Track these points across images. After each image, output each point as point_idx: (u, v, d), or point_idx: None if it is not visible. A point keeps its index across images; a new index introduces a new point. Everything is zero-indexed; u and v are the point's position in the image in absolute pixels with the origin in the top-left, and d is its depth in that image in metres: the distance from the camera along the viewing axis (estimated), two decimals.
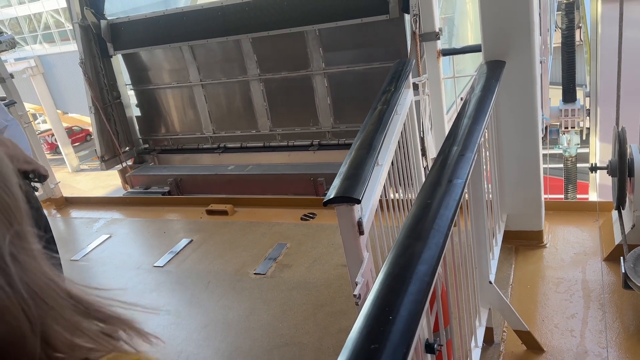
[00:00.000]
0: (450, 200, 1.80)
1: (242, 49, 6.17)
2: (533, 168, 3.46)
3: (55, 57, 24.79)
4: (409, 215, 1.75)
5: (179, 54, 6.55)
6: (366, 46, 5.57)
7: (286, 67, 6.12)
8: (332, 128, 6.13)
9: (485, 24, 3.08)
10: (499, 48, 3.06)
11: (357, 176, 2.08)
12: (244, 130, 6.69)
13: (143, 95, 7.12)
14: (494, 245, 3.17)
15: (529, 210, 3.58)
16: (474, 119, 2.38)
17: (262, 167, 6.33)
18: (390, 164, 2.68)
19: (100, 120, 6.72)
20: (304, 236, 4.50)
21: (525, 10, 3.00)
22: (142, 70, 6.94)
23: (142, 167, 7.16)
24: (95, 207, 6.09)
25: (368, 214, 2.18)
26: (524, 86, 3.17)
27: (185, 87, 6.77)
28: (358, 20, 5.28)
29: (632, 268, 2.77)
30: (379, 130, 2.51)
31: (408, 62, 3.36)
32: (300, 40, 5.81)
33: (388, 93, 2.94)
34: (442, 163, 2.05)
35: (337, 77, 5.91)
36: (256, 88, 6.36)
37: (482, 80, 2.84)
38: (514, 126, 3.29)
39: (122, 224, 5.56)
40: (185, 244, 4.76)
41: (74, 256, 4.94)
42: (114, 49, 6.70)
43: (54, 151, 25.57)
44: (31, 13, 31.59)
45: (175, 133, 7.13)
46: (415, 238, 1.63)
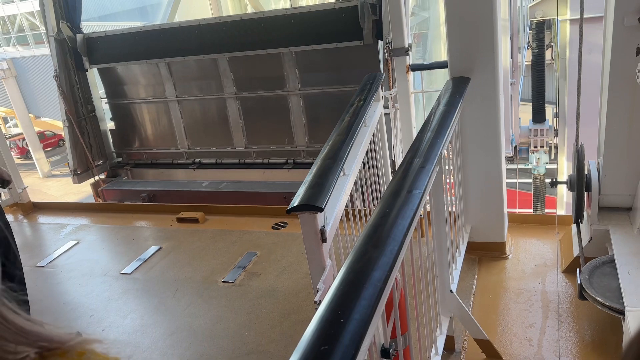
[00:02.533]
0: (408, 210, 1.86)
1: (219, 67, 6.23)
2: (496, 182, 3.56)
3: (29, 60, 24.36)
4: (368, 223, 1.80)
5: (155, 70, 6.56)
6: (341, 69, 5.72)
7: (262, 86, 6.21)
8: (307, 147, 6.22)
9: (451, 42, 3.18)
10: (464, 65, 3.16)
11: (321, 185, 2.13)
12: (219, 147, 6.72)
13: (118, 109, 7.10)
14: (457, 255, 3.25)
15: (492, 223, 3.67)
16: (436, 132, 2.46)
17: (236, 184, 6.36)
18: (356, 174, 2.74)
19: (74, 134, 6.65)
20: (274, 245, 4.53)
21: (489, 29, 3.12)
22: (117, 84, 6.92)
23: (115, 182, 7.10)
24: (63, 212, 6.00)
25: (332, 222, 2.23)
26: (488, 102, 3.27)
27: (161, 102, 6.78)
28: (333, 45, 5.42)
29: (588, 280, 2.88)
30: (346, 141, 2.57)
31: (378, 75, 3.44)
32: (276, 61, 5.91)
33: (357, 105, 3.00)
34: (402, 174, 2.12)
35: (312, 97, 6.03)
36: (232, 106, 6.41)
37: (447, 95, 2.93)
38: (478, 141, 3.39)
39: (90, 231, 5.49)
40: (154, 251, 4.73)
41: (39, 262, 4.86)
42: (89, 63, 6.69)
43: (24, 156, 25.03)
44: (5, 15, 31.01)
45: (150, 147, 7.11)
46: (372, 245, 1.68)
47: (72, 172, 6.84)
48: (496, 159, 3.48)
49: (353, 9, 5.14)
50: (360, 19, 5.03)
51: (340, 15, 5.30)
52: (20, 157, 24.27)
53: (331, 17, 5.41)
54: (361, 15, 5.01)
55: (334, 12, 5.41)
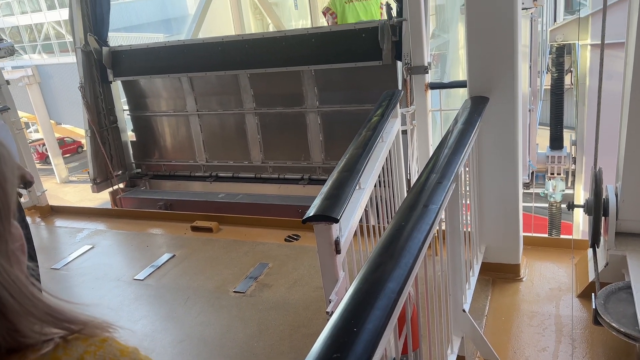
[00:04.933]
0: (424, 224, 1.86)
1: (240, 83, 6.33)
2: (512, 203, 3.54)
3: (53, 67, 24.92)
4: (383, 235, 1.82)
5: (177, 84, 6.68)
6: (359, 88, 5.76)
7: (281, 102, 6.28)
8: (322, 164, 6.26)
9: (471, 61, 3.20)
10: (483, 85, 3.18)
11: (337, 197, 2.15)
12: (237, 161, 6.79)
13: (139, 121, 7.22)
14: (471, 275, 3.23)
15: (507, 244, 3.65)
16: (454, 149, 2.47)
17: (251, 197, 6.40)
18: (372, 188, 2.76)
19: (95, 144, 6.77)
20: (286, 257, 4.53)
21: (509, 50, 3.13)
22: (140, 97, 7.05)
23: (133, 190, 7.20)
24: (80, 217, 6.08)
25: (346, 234, 2.24)
26: (506, 123, 3.27)
27: (182, 116, 6.89)
28: (352, 64, 5.48)
29: (603, 305, 2.84)
30: (363, 155, 2.59)
31: (396, 92, 3.47)
32: (296, 78, 5.99)
33: (374, 120, 3.03)
34: (419, 189, 2.13)
35: (330, 115, 6.08)
36: (251, 121, 6.49)
37: (465, 114, 2.94)
38: (495, 161, 3.39)
39: (105, 236, 5.55)
40: (167, 258, 4.76)
41: (54, 265, 4.92)
42: (113, 76, 6.81)
43: (43, 161, 25.46)
44: (32, 23, 31.84)
45: (169, 159, 7.21)
46: (387, 257, 1.69)
47: (92, 181, 6.94)
48: (513, 180, 3.47)
49: (373, 30, 5.21)
50: (380, 39, 5.09)
51: (361, 35, 5.37)
52: (40, 162, 24.66)
53: (351, 38, 5.49)
54: (381, 36, 5.07)
55: (354, 33, 5.49)
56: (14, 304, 0.68)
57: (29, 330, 0.70)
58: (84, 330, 0.75)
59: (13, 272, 0.70)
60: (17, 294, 0.68)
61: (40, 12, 31.14)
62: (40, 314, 0.71)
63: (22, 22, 32.29)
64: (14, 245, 0.73)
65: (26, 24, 32.25)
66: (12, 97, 5.99)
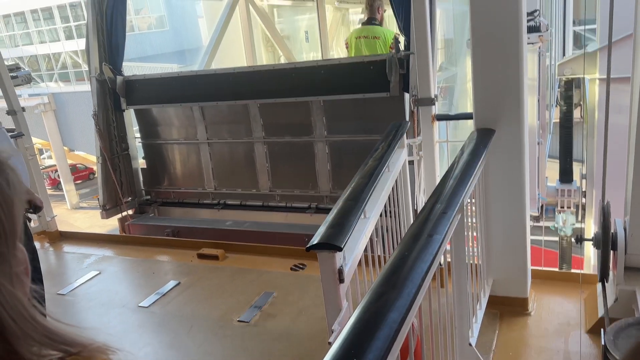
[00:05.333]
0: (427, 254, 1.86)
1: (250, 112, 6.44)
2: (520, 236, 3.51)
3: (69, 95, 25.45)
4: (386, 264, 1.81)
5: (189, 113, 6.82)
6: (367, 119, 5.84)
7: (290, 132, 6.38)
8: (330, 193, 6.29)
9: (477, 94, 3.24)
10: (489, 117, 3.20)
11: (342, 225, 2.15)
12: (245, 189, 6.84)
13: (151, 149, 7.33)
14: (478, 308, 3.19)
15: (515, 277, 3.61)
16: (459, 180, 2.48)
17: (258, 225, 6.42)
18: (377, 217, 2.76)
19: (107, 170, 6.87)
20: (292, 286, 4.50)
21: (515, 83, 3.17)
22: (152, 125, 7.18)
23: (141, 217, 7.25)
24: (88, 243, 6.11)
25: (350, 263, 2.23)
26: (513, 156, 3.28)
27: (192, 144, 6.99)
28: (360, 95, 5.58)
29: (612, 341, 2.78)
30: (368, 184, 2.60)
31: (403, 123, 3.51)
32: (305, 108, 6.09)
33: (381, 150, 3.05)
34: (424, 218, 2.13)
35: (338, 145, 6.15)
36: (260, 150, 6.58)
37: (471, 146, 2.96)
38: (502, 193, 3.38)
39: (112, 262, 5.56)
40: (173, 285, 4.75)
41: (60, 290, 4.92)
42: (126, 104, 6.94)
43: (55, 187, 25.73)
44: (51, 52, 32.69)
45: (178, 187, 7.28)
46: (389, 287, 1.68)
47: (102, 207, 7.00)
48: (520, 213, 3.45)
49: (381, 63, 5.30)
50: (387, 72, 5.18)
51: (369, 68, 5.46)
52: (51, 188, 24.93)
53: (360, 70, 5.58)
54: (389, 69, 5.16)
55: (362, 65, 5.59)
56: (14, 326, 0.69)
57: (27, 352, 0.70)
58: (83, 352, 0.76)
59: (15, 294, 0.71)
60: (17, 316, 0.70)
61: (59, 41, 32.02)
62: (39, 336, 0.72)
63: (40, 51, 33.18)
64: (19, 268, 0.74)
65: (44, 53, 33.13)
66: (27, 124, 6.11)
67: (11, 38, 33.92)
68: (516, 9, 3.10)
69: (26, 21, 33.31)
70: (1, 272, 0.70)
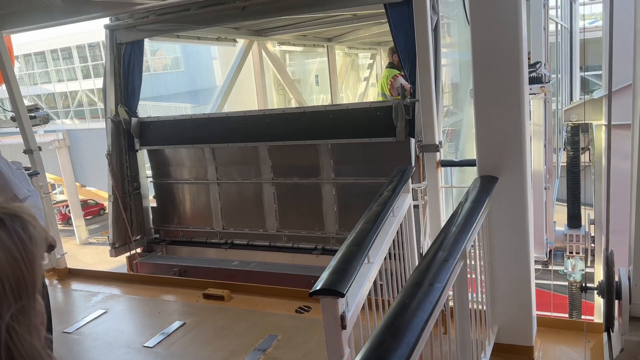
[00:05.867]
0: (428, 303, 1.89)
1: (259, 154, 6.60)
2: (525, 284, 3.52)
3: (83, 132, 25.99)
4: (387, 313, 1.85)
5: (200, 153, 7.00)
6: (374, 162, 5.98)
7: (298, 173, 6.51)
8: (336, 234, 6.34)
9: (480, 142, 3.32)
10: (492, 164, 3.27)
11: (345, 271, 2.20)
12: (252, 229, 6.92)
13: (161, 188, 7.48)
14: (482, 356, 3.17)
15: (520, 325, 3.59)
16: (462, 228, 2.53)
17: (265, 265, 6.46)
18: (382, 262, 2.80)
19: (117, 209, 6.99)
20: (296, 329, 4.49)
21: (518, 132, 3.25)
22: (164, 164, 7.36)
23: (149, 256, 7.33)
24: (96, 280, 6.15)
25: (353, 309, 2.27)
26: (516, 203, 3.33)
27: (202, 184, 7.14)
28: (367, 140, 5.73)
29: None
30: (372, 229, 2.66)
31: (408, 168, 3.58)
32: (313, 151, 6.24)
33: (386, 194, 3.12)
34: (425, 266, 2.17)
35: (345, 187, 6.25)
36: (268, 190, 6.69)
37: (474, 193, 3.02)
38: (506, 241, 3.41)
39: (119, 300, 5.59)
40: (178, 326, 4.76)
41: (67, 328, 4.94)
42: (140, 145, 7.15)
43: (65, 222, 25.95)
44: (68, 90, 33.59)
45: (187, 226, 7.39)
46: (390, 335, 1.72)
47: (111, 245, 7.09)
48: (524, 260, 3.47)
49: (388, 109, 5.46)
50: (394, 117, 5.32)
51: (376, 113, 5.62)
52: (62, 223, 25.14)
53: (367, 115, 5.75)
54: (395, 115, 5.30)
55: (369, 111, 5.76)
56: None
57: None
58: None
59: (33, 346, 0.76)
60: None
61: (76, 80, 32.94)
62: None
63: (58, 89, 34.10)
64: (37, 320, 0.80)
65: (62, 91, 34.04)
66: (42, 162, 6.27)
67: (30, 76, 34.97)
68: (517, 60, 3.21)
69: (46, 60, 34.41)
70: (22, 324, 0.75)
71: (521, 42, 3.17)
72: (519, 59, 3.21)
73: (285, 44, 11.33)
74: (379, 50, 14.55)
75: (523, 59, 3.26)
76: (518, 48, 3.18)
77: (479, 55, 3.28)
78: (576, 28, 15.56)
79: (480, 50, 3.27)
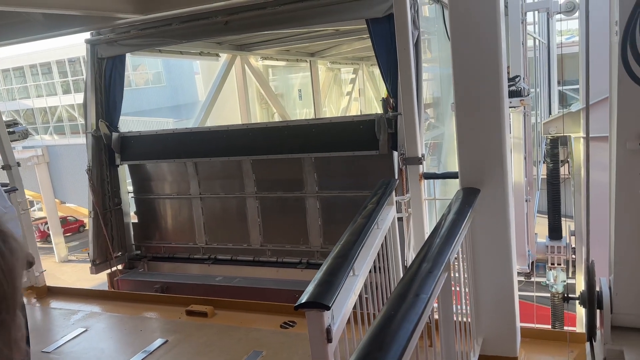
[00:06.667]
0: (413, 314, 1.89)
1: (242, 168, 6.56)
2: (508, 295, 3.54)
3: (63, 148, 25.62)
4: (372, 325, 1.84)
5: (182, 168, 6.93)
6: (357, 176, 6.00)
7: (282, 187, 6.49)
8: (321, 248, 6.32)
9: (462, 155, 3.36)
10: (474, 177, 3.31)
11: (330, 283, 2.19)
12: (236, 244, 6.86)
13: (143, 203, 7.38)
14: None
15: (504, 336, 3.60)
16: (445, 239, 2.54)
17: (248, 280, 6.39)
18: (367, 274, 2.79)
19: (98, 225, 6.87)
20: (281, 345, 4.45)
21: (498, 145, 3.29)
22: (145, 179, 7.27)
23: (131, 272, 7.20)
24: (76, 298, 6.02)
25: (339, 322, 2.25)
26: (498, 214, 3.36)
27: (185, 199, 7.06)
28: (350, 153, 5.75)
29: None
30: (357, 241, 2.66)
31: (392, 180, 3.60)
32: (297, 165, 6.23)
33: (369, 208, 3.13)
34: (410, 277, 2.17)
35: (328, 200, 6.25)
36: (252, 204, 6.65)
37: (457, 204, 3.04)
38: (489, 252, 3.43)
39: (100, 318, 5.47)
40: (160, 344, 4.67)
41: (45, 348, 4.81)
42: (121, 159, 7.05)
43: (44, 239, 25.43)
44: (47, 106, 33.16)
45: (169, 241, 7.29)
46: (375, 348, 1.71)
47: (92, 262, 6.96)
48: (507, 271, 3.49)
49: (370, 122, 5.49)
50: (377, 131, 5.35)
51: (359, 127, 5.65)
52: (40, 241, 24.61)
53: (350, 129, 5.77)
54: (378, 128, 5.33)
55: (352, 124, 5.79)
56: None
57: None
58: None
59: None
60: None
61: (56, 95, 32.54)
62: None
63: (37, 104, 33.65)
64: (17, 334, 0.78)
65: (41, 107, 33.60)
66: (21, 178, 6.15)
67: (9, 92, 34.49)
68: (497, 74, 3.27)
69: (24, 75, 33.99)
70: (2, 339, 0.74)
71: (501, 57, 3.23)
72: (498, 72, 3.27)
73: (268, 58, 11.38)
74: (361, 65, 14.71)
75: (503, 73, 3.32)
76: (498, 62, 3.23)
77: (460, 69, 3.33)
78: (553, 43, 15.95)
79: (460, 64, 3.32)
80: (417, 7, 4.77)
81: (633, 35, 2.75)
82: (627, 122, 2.98)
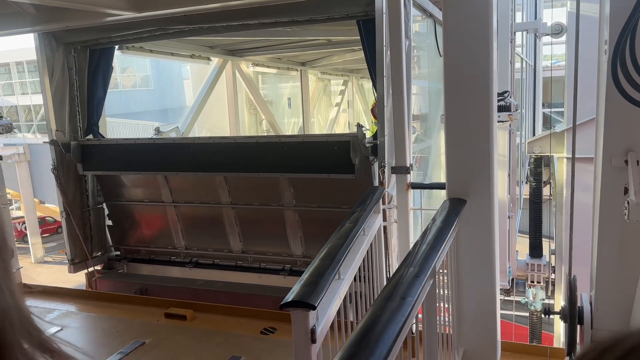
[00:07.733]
0: (399, 316, 1.89)
1: (215, 179, 6.24)
2: (490, 307, 3.55)
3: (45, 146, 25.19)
4: (358, 325, 1.83)
5: (151, 177, 6.59)
6: (335, 192, 5.70)
7: (258, 199, 6.20)
8: (303, 257, 6.15)
9: (450, 166, 3.38)
10: (461, 188, 3.33)
11: (316, 284, 2.18)
12: (216, 249, 6.65)
13: (115, 209, 7.07)
14: None
15: (485, 349, 3.60)
16: (432, 246, 2.55)
17: (230, 285, 6.24)
18: (352, 279, 2.78)
19: (71, 225, 6.62)
20: (260, 351, 4.40)
21: (486, 158, 3.32)
22: (114, 186, 6.94)
23: (110, 273, 7.01)
24: (52, 297, 5.90)
25: (323, 323, 2.24)
26: (483, 226, 3.38)
27: (158, 206, 6.76)
28: (325, 176, 5.42)
29: None
30: (344, 245, 2.65)
31: (379, 189, 3.61)
32: (272, 180, 5.92)
33: (356, 214, 3.13)
34: (397, 281, 2.17)
35: (307, 213, 5.99)
36: (228, 214, 6.37)
37: (444, 214, 3.05)
38: (472, 263, 3.44)
39: (76, 318, 5.37)
40: (137, 346, 4.59)
41: None
42: (83, 169, 6.63)
43: (21, 239, 24.92)
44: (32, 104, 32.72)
45: (147, 244, 7.06)
46: (361, 347, 1.70)
47: (70, 261, 6.74)
48: (490, 284, 3.50)
49: (345, 144, 5.13)
50: (352, 155, 5.03)
51: (333, 148, 5.31)
52: (17, 240, 24.11)
53: (324, 149, 5.43)
54: (353, 151, 5.02)
55: (326, 145, 5.43)
56: None
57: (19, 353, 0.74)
58: None
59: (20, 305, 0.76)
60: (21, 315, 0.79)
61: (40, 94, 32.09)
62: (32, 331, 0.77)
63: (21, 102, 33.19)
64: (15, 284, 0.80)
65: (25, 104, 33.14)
66: (2, 172, 6.04)
67: None
68: (487, 88, 3.31)
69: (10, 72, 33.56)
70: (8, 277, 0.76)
71: (492, 72, 3.28)
72: (488, 87, 3.32)
73: (259, 65, 11.38)
74: (351, 77, 14.81)
75: (493, 87, 3.37)
76: (488, 77, 3.28)
77: (451, 81, 3.37)
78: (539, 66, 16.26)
79: (452, 78, 3.36)
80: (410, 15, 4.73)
81: (623, 53, 2.82)
82: (614, 139, 3.04)
